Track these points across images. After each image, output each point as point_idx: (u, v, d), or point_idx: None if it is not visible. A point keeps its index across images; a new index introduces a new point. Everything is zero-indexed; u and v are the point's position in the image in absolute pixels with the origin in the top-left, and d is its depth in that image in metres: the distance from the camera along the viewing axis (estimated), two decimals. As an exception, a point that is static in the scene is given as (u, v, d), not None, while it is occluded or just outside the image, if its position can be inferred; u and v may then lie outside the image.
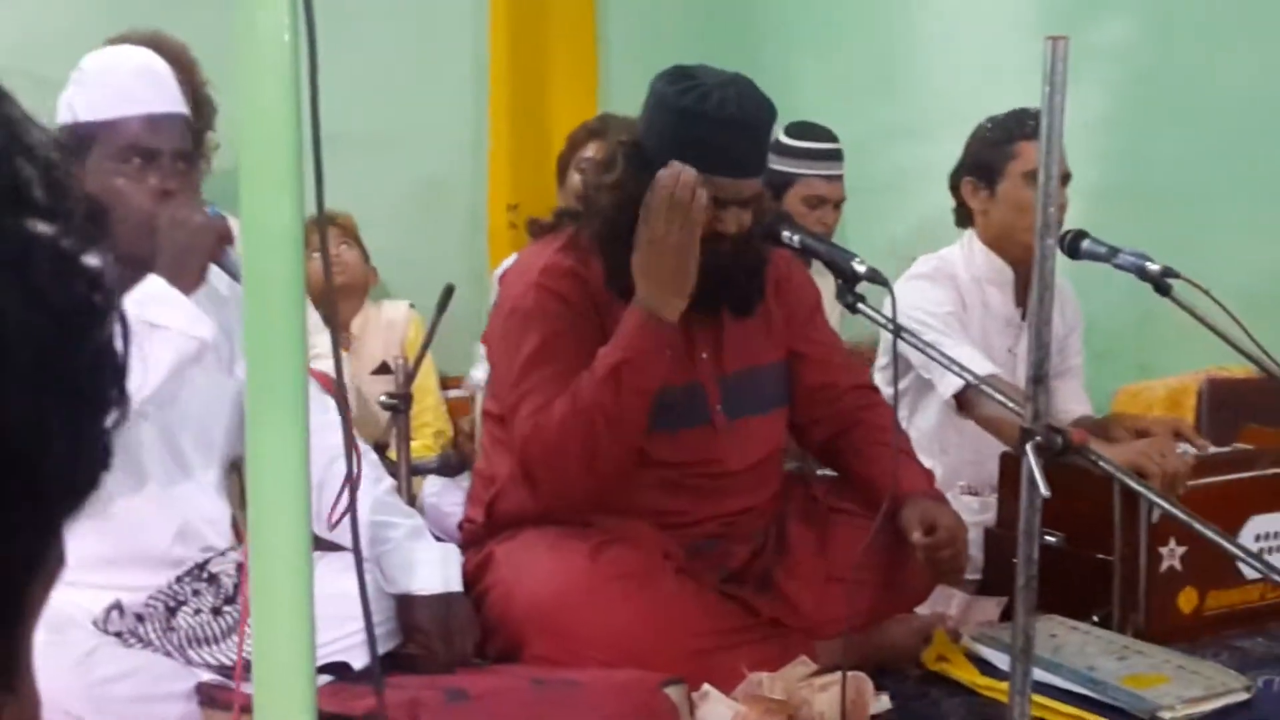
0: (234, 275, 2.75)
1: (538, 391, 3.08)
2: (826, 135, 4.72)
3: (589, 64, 5.67)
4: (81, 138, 2.77)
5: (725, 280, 3.16)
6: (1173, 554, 3.43)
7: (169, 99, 2.87)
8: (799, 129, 4.68)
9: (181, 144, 2.85)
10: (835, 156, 4.67)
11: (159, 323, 2.63)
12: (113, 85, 2.82)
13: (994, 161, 3.86)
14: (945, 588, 3.47)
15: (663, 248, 2.97)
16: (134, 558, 2.82)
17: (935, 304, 3.79)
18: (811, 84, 5.45)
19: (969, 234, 3.97)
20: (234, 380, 2.95)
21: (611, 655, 2.92)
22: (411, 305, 4.90)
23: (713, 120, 3.04)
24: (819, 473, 3.70)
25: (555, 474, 3.09)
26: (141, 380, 2.58)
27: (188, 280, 2.71)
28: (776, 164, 4.22)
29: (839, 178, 4.67)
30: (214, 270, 2.79)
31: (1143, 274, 3.62)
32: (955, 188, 3.95)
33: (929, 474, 3.40)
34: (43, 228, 0.58)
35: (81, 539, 0.63)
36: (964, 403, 3.67)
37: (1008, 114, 3.85)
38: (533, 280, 3.15)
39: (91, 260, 0.61)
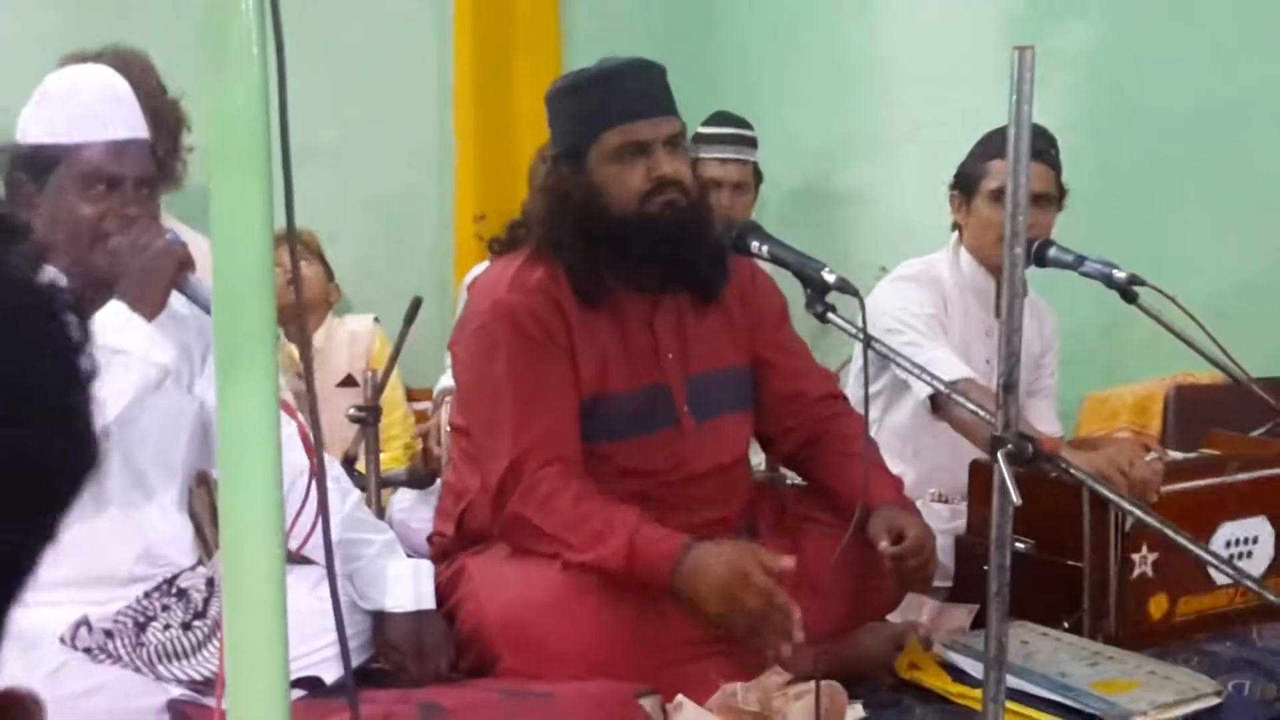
0: (196, 301, 2.75)
1: (514, 429, 3.07)
2: (727, 120, 4.87)
3: (553, 75, 5.66)
4: (43, 160, 2.76)
5: (686, 241, 3.15)
6: (1144, 560, 3.44)
7: (133, 123, 2.85)
8: (709, 118, 4.80)
9: (144, 170, 2.84)
10: (729, 140, 4.81)
11: (121, 348, 2.62)
12: (76, 108, 2.80)
13: (972, 177, 3.91)
14: (917, 596, 3.48)
15: (730, 616, 2.91)
16: (95, 580, 2.81)
17: (918, 305, 3.82)
18: (772, 96, 5.47)
19: (955, 240, 4.00)
20: (192, 398, 2.95)
21: (584, 667, 2.91)
22: (376, 319, 4.90)
23: (601, 78, 3.14)
24: (788, 481, 3.70)
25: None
26: (103, 406, 2.58)
27: (150, 306, 2.71)
28: None
29: (735, 161, 4.78)
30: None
31: (1109, 282, 3.65)
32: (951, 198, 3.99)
33: (898, 482, 3.38)
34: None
35: (41, 565, 0.62)
36: (938, 404, 3.67)
37: (996, 130, 3.85)
38: (499, 298, 3.14)
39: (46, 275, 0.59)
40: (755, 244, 3.19)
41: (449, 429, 3.49)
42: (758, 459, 3.77)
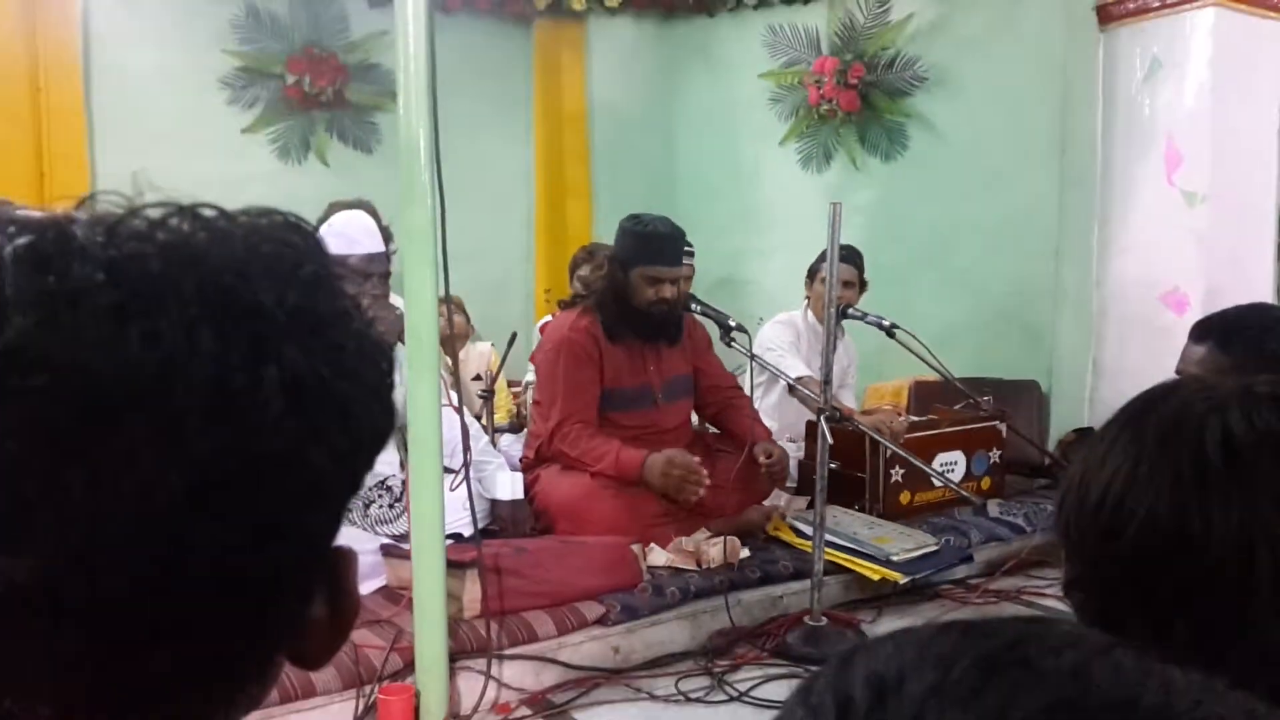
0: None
1: (562, 403, 3.10)
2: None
3: (587, 214, 5.66)
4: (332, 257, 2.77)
5: (664, 326, 3.19)
6: (897, 473, 3.45)
7: (377, 242, 2.87)
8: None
9: (384, 268, 2.86)
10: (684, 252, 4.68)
11: None
12: (350, 235, 2.83)
13: (813, 271, 3.93)
14: (779, 491, 3.48)
15: (666, 486, 3.00)
16: None
17: (783, 337, 3.83)
18: (707, 224, 5.42)
19: (804, 306, 4.01)
20: (401, 390, 2.96)
21: (602, 529, 2.93)
22: (492, 345, 4.87)
23: (651, 235, 3.11)
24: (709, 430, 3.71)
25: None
26: None
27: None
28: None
29: (686, 264, 4.56)
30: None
31: (880, 326, 3.67)
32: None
33: (768, 430, 3.41)
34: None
35: None
36: (792, 390, 3.69)
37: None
38: (564, 334, 3.16)
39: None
40: (695, 306, 3.23)
41: (532, 403, 3.49)
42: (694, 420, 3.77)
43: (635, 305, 3.12)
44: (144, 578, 0.44)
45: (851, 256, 3.79)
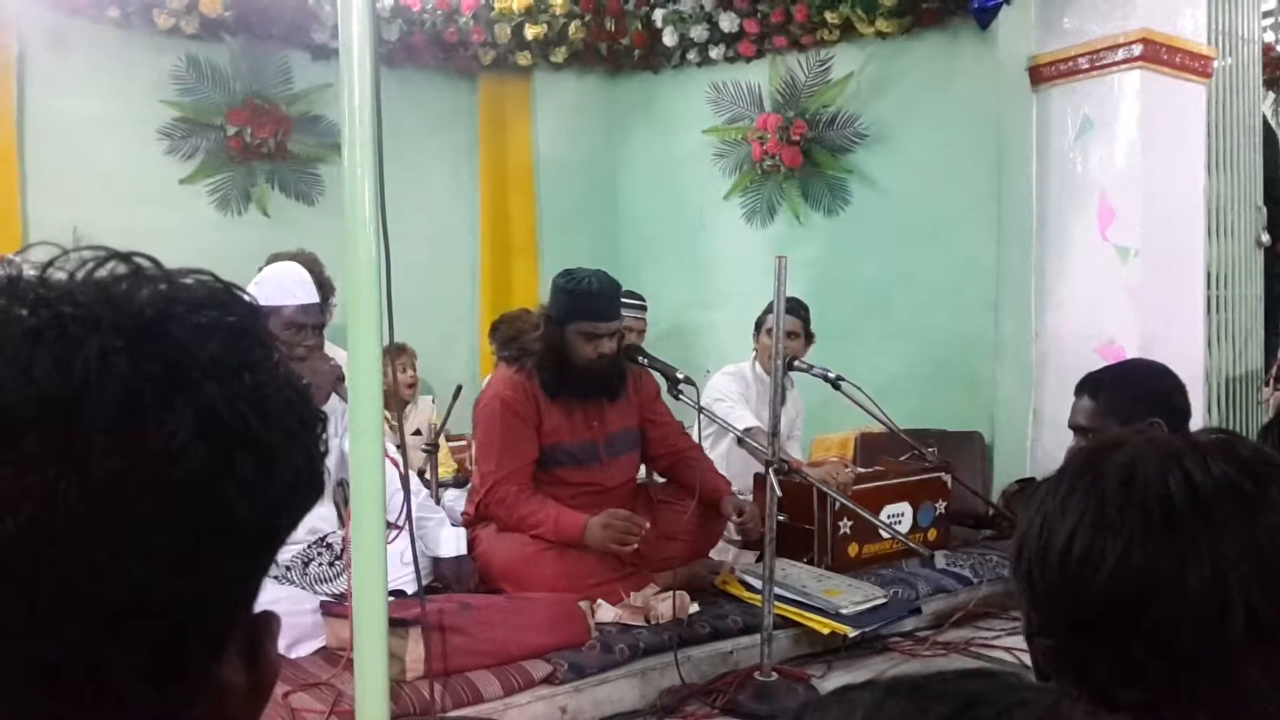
0: (343, 399, 2.75)
1: (496, 464, 3.06)
2: (635, 295, 4.69)
3: (533, 272, 5.65)
4: (263, 315, 2.74)
5: (605, 382, 3.14)
6: (846, 526, 3.45)
7: (311, 294, 2.85)
8: (625, 292, 4.74)
9: (318, 319, 2.84)
10: (636, 307, 4.55)
11: None
12: (281, 286, 2.81)
13: (760, 324, 4.00)
14: (727, 545, 3.47)
15: (607, 540, 2.93)
16: None
17: (732, 387, 3.86)
18: (655, 277, 5.46)
19: (752, 357, 4.04)
20: (338, 443, 2.92)
21: (546, 589, 2.89)
22: (433, 399, 4.80)
23: (584, 292, 3.07)
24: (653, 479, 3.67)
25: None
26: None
27: (319, 401, 2.68)
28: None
29: (638, 318, 4.54)
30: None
31: (826, 379, 3.69)
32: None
33: (729, 483, 3.36)
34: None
35: None
36: (741, 440, 3.68)
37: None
38: (499, 392, 3.12)
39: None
40: (641, 359, 3.22)
41: (475, 458, 3.42)
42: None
43: (573, 363, 3.08)
44: (40, 601, 0.43)
45: (796, 308, 3.85)
